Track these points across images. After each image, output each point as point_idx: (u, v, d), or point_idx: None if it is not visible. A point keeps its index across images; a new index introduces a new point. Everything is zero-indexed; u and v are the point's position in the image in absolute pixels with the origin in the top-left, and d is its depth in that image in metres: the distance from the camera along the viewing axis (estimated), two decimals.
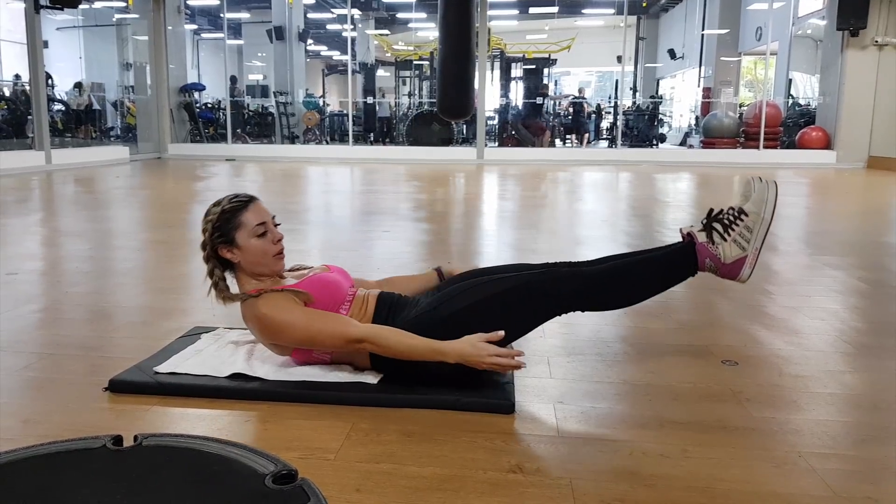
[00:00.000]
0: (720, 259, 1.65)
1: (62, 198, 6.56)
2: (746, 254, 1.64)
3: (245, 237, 1.68)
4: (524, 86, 15.33)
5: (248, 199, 1.72)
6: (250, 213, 1.70)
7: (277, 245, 1.72)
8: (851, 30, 10.59)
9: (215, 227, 1.68)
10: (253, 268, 1.71)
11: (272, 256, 1.71)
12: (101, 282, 2.96)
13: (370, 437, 1.46)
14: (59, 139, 11.58)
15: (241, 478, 0.85)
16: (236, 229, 1.68)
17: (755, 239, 1.64)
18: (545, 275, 1.68)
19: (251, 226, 1.68)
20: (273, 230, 1.73)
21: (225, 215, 1.69)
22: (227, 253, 1.70)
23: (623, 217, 5.19)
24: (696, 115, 17.23)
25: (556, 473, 1.31)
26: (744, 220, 1.65)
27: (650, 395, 1.70)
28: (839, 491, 1.26)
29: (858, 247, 3.96)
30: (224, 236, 1.68)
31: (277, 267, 1.74)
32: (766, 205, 1.65)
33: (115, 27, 14.33)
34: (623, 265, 1.71)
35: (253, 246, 1.69)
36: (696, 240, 1.67)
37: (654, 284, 1.73)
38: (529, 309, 1.67)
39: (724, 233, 1.65)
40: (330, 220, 5.10)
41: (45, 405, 1.61)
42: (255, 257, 1.69)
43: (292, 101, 15.48)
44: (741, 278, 1.67)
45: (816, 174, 9.65)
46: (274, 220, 1.75)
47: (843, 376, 1.84)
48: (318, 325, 1.62)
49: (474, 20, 3.71)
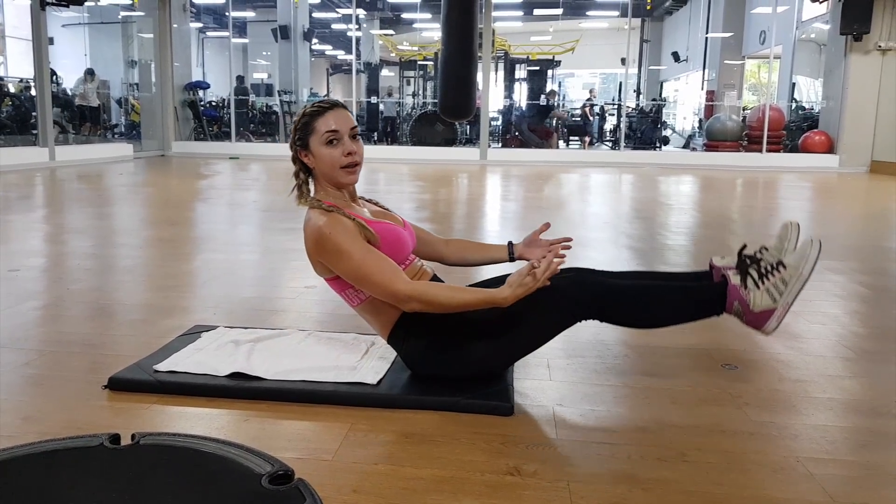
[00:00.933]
0: (749, 306, 1.60)
1: (65, 194, 6.57)
2: (776, 307, 1.59)
3: (316, 143, 1.67)
4: (528, 87, 15.33)
5: (330, 106, 1.69)
6: (326, 119, 1.66)
7: (347, 157, 1.67)
8: (855, 34, 10.56)
9: (296, 130, 1.69)
10: (325, 177, 1.70)
11: (339, 168, 1.68)
12: (102, 279, 2.96)
13: (368, 437, 1.46)
14: (64, 136, 11.60)
15: (238, 478, 0.85)
16: (310, 134, 1.67)
17: (788, 293, 1.59)
18: (569, 280, 1.65)
19: (321, 132, 1.66)
20: (346, 141, 1.67)
21: (304, 119, 1.68)
22: (304, 157, 1.70)
23: (625, 219, 5.19)
24: (699, 118, 17.20)
25: (554, 476, 1.31)
26: (781, 272, 1.60)
27: (649, 399, 1.70)
28: (837, 497, 1.26)
29: (860, 251, 3.95)
30: (302, 140, 1.68)
31: (346, 181, 1.70)
32: (807, 262, 1.59)
33: (120, 24, 14.34)
34: (650, 287, 1.66)
35: (322, 153, 1.67)
36: (730, 281, 1.62)
37: (677, 315, 1.68)
38: (552, 315, 1.64)
39: (758, 280, 1.60)
40: None
41: (44, 402, 1.62)
42: (324, 166, 1.68)
43: (297, 99, 15.49)
44: (766, 330, 1.62)
45: (819, 178, 9.64)
46: (354, 132, 1.69)
47: (842, 381, 1.84)
48: (372, 267, 1.59)
49: (477, 21, 3.71)
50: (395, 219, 1.82)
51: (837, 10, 10.71)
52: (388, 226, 1.72)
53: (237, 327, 2.10)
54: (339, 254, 1.61)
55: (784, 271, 1.60)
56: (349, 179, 1.71)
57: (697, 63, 18.22)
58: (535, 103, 14.40)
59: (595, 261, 3.53)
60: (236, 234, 4.39)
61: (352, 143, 1.68)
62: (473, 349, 1.65)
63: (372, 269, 1.60)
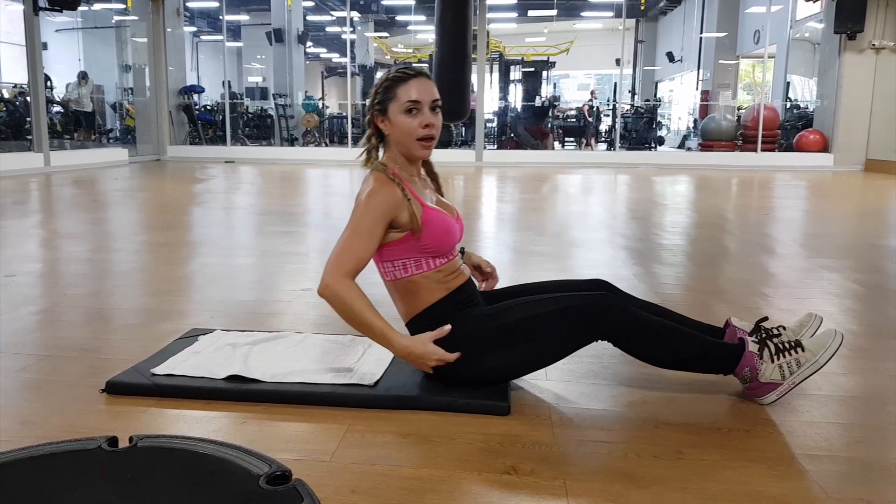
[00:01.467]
0: (758, 376, 1.62)
1: (61, 200, 6.57)
2: (783, 382, 1.61)
3: (395, 110, 1.64)
4: (523, 88, 15.37)
5: (414, 74, 1.66)
6: (408, 87, 1.63)
7: (424, 129, 1.64)
8: (849, 33, 10.61)
9: (376, 93, 1.67)
10: (399, 146, 1.68)
11: (415, 140, 1.65)
12: (99, 284, 2.96)
13: (366, 438, 1.46)
14: (59, 141, 11.58)
15: (236, 479, 0.86)
16: (391, 100, 1.64)
17: (798, 375, 1.61)
18: (592, 298, 1.64)
19: (402, 101, 1.63)
20: (425, 112, 1.64)
21: (386, 83, 1.66)
22: (381, 122, 1.67)
23: (621, 219, 5.20)
24: (694, 118, 17.25)
25: (551, 475, 1.32)
26: (798, 353, 1.62)
27: (645, 397, 1.71)
28: (832, 492, 1.26)
29: (855, 249, 3.97)
30: (381, 105, 1.66)
31: (420, 153, 1.69)
32: (825, 351, 1.62)
33: (114, 29, 14.33)
34: (672, 330, 1.65)
35: (400, 122, 1.64)
36: (747, 346, 1.64)
37: (688, 364, 1.68)
38: (571, 334, 1.64)
39: (774, 354, 1.62)
40: (329, 222, 5.11)
41: (42, 407, 1.62)
42: (400, 134, 1.65)
43: (291, 103, 15.49)
44: (763, 400, 1.64)
45: (814, 177, 9.67)
46: (435, 104, 1.66)
47: (837, 378, 1.85)
48: (350, 242, 1.57)
49: (471, 23, 3.72)
50: (450, 209, 1.80)
51: (831, 8, 10.75)
52: (440, 214, 1.69)
53: (234, 330, 2.10)
54: (355, 213, 1.60)
55: (801, 353, 1.63)
56: (422, 153, 1.69)
57: (692, 63, 18.27)
58: (531, 104, 14.43)
59: (592, 262, 3.55)
60: (232, 238, 4.39)
61: (431, 115, 1.65)
62: (490, 357, 1.64)
63: (347, 243, 1.58)
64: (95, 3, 14.62)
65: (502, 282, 1.97)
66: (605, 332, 1.62)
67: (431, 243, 1.64)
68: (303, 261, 3.48)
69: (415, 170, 1.74)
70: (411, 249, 1.64)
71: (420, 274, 1.66)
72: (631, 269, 3.31)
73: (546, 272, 3.15)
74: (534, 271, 3.18)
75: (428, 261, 1.66)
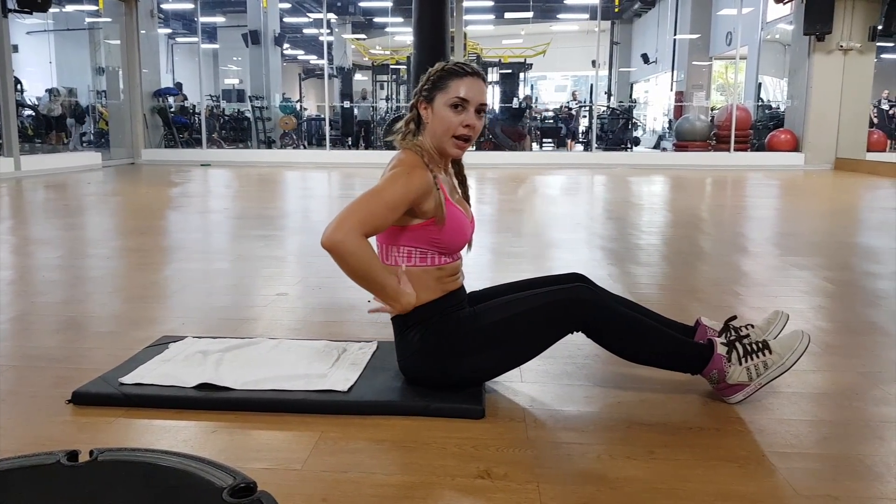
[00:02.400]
0: (726, 377, 1.64)
1: (31, 205, 6.46)
2: (749, 384, 1.64)
3: (441, 102, 1.63)
4: (500, 90, 15.41)
5: (471, 72, 1.65)
6: (460, 83, 1.62)
7: (464, 129, 1.64)
8: (818, 35, 10.78)
9: (428, 80, 1.65)
10: (434, 137, 1.66)
11: (451, 136, 1.64)
12: (69, 291, 2.91)
13: (339, 445, 1.45)
14: (30, 145, 11.40)
15: (198, 492, 0.84)
16: (440, 90, 1.63)
17: (765, 377, 1.64)
18: (568, 292, 1.65)
19: (451, 94, 1.62)
20: (470, 112, 1.64)
21: (440, 73, 1.65)
22: (423, 109, 1.66)
23: (598, 220, 5.23)
24: (669, 119, 17.42)
25: (524, 478, 1.32)
26: (766, 356, 1.64)
27: (619, 398, 1.72)
28: (801, 490, 1.28)
29: (825, 247, 4.02)
30: (428, 92, 1.65)
31: (452, 151, 1.68)
32: (792, 354, 1.64)
33: (87, 31, 14.14)
34: (646, 326, 1.67)
35: (442, 114, 1.63)
36: (716, 349, 1.65)
37: (659, 361, 1.70)
38: (549, 329, 1.65)
39: (742, 357, 1.64)
40: (307, 225, 5.08)
41: (6, 419, 1.58)
42: (438, 126, 1.64)
43: (269, 105, 15.38)
44: (731, 400, 1.66)
45: (785, 176, 9.81)
46: (482, 107, 1.65)
47: (807, 375, 1.87)
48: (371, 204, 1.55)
49: (448, 25, 3.72)
50: (467, 210, 1.80)
51: (801, 10, 10.92)
52: (459, 213, 1.69)
53: (206, 337, 2.07)
54: (384, 182, 1.59)
55: (769, 356, 1.65)
56: (454, 151, 1.68)
57: (666, 64, 18.46)
58: (509, 106, 14.47)
59: (568, 262, 3.56)
60: (208, 243, 4.35)
61: (475, 116, 1.65)
62: (468, 359, 1.64)
63: (370, 207, 1.55)
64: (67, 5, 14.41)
65: (481, 283, 1.97)
66: (581, 323, 1.64)
67: (445, 238, 1.64)
68: (279, 265, 3.45)
69: (442, 164, 1.73)
70: (423, 240, 1.64)
71: (422, 267, 1.65)
72: (607, 269, 3.32)
73: (524, 273, 3.13)
74: (512, 273, 3.18)
75: (434, 256, 1.65)
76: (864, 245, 4.22)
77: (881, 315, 2.51)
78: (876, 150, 11.82)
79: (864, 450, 1.45)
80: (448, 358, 1.64)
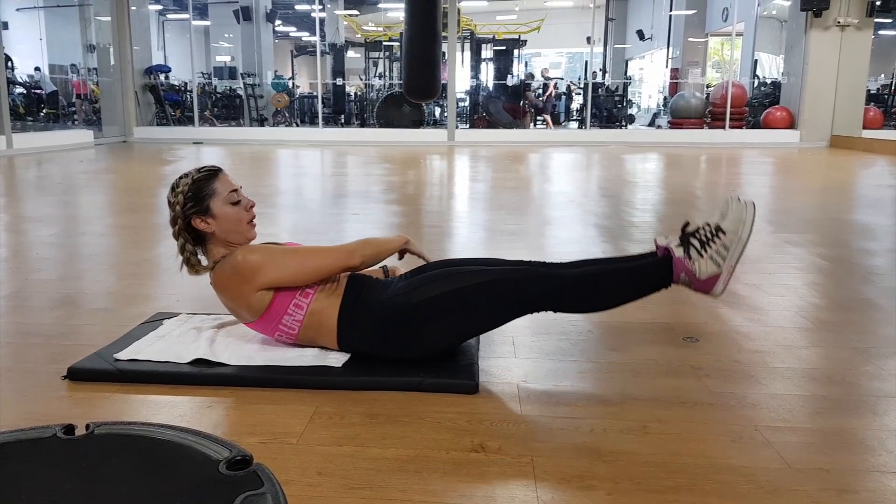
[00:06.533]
0: (695, 275, 1.65)
1: (24, 183, 6.41)
2: (721, 271, 1.65)
3: (219, 205, 1.67)
4: (495, 67, 15.29)
5: (218, 169, 1.72)
6: (223, 180, 1.70)
7: (250, 212, 1.73)
8: (815, 10, 10.71)
9: (188, 198, 1.66)
10: (227, 235, 1.69)
11: (246, 223, 1.72)
12: (63, 268, 2.90)
13: (334, 420, 1.46)
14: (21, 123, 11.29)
15: (195, 464, 0.85)
16: (210, 197, 1.67)
17: (731, 257, 1.65)
18: (520, 272, 1.67)
19: (225, 193, 1.68)
20: (243, 196, 1.73)
21: (197, 184, 1.67)
22: (202, 223, 1.67)
23: (592, 198, 5.23)
24: (664, 96, 17.35)
25: (518, 452, 1.33)
26: (721, 238, 1.66)
27: (612, 373, 1.72)
28: (793, 463, 1.29)
29: (819, 224, 4.03)
30: (197, 205, 1.66)
31: (251, 234, 1.74)
32: (743, 225, 1.66)
33: (77, 7, 13.94)
34: (598, 272, 1.70)
35: (227, 213, 1.68)
36: (674, 254, 1.67)
37: (627, 294, 1.73)
38: (501, 306, 1.67)
39: (700, 249, 1.66)
40: (300, 203, 5.06)
41: (2, 394, 1.59)
42: (229, 224, 1.68)
43: (261, 82, 15.24)
44: (713, 293, 1.68)
45: (780, 153, 9.80)
46: (241, 189, 1.75)
47: (800, 351, 1.88)
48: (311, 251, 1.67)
49: (440, 1, 3.68)
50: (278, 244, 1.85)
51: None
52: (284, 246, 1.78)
53: (200, 313, 2.07)
54: (272, 260, 1.64)
55: (724, 237, 1.67)
56: (253, 234, 1.75)
57: (662, 41, 18.34)
58: (503, 83, 14.37)
59: (562, 239, 3.56)
60: None
61: (246, 199, 1.74)
62: (421, 331, 1.65)
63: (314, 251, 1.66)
64: None
65: None
66: (543, 301, 1.67)
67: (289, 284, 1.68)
68: (274, 240, 3.44)
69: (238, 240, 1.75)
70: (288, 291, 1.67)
71: (311, 302, 1.68)
72: (601, 246, 3.33)
73: (517, 251, 3.15)
74: (505, 250, 3.18)
75: (303, 294, 1.68)
76: (858, 222, 4.23)
77: (875, 291, 2.52)
78: (872, 128, 11.81)
79: (857, 424, 1.46)
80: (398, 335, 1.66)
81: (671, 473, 1.25)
